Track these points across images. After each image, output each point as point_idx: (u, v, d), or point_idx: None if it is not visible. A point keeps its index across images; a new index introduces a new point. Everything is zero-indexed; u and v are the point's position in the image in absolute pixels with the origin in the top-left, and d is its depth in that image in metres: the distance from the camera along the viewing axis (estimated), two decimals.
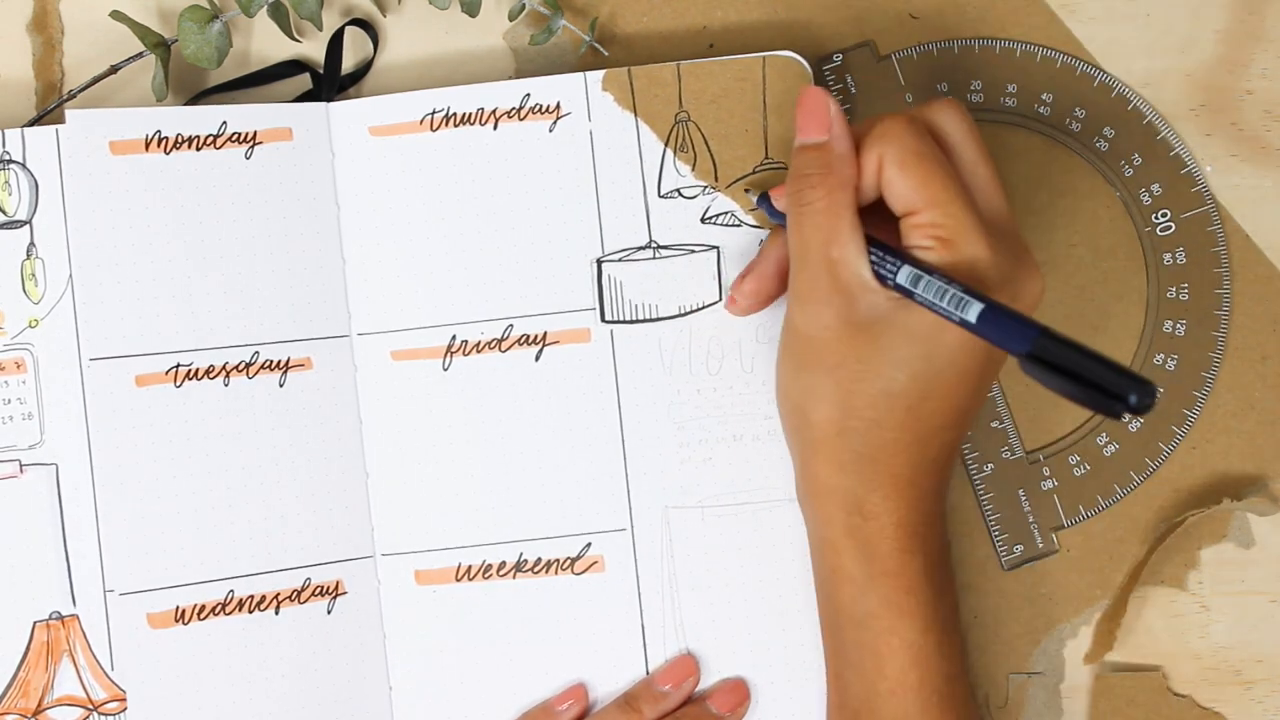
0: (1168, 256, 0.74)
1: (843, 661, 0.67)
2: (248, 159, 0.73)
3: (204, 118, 0.72)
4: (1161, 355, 0.74)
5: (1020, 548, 0.74)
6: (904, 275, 0.62)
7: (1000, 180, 0.66)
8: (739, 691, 0.72)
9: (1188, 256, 0.74)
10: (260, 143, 0.73)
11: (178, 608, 0.71)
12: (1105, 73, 0.74)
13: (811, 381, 0.64)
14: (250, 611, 0.72)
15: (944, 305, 0.61)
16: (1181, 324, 0.74)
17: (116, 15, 0.73)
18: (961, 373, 0.63)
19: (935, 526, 0.66)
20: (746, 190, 0.73)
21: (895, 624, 0.65)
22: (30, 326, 0.72)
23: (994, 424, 0.74)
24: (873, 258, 0.64)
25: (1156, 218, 0.74)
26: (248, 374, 0.72)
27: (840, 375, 0.63)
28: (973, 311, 0.60)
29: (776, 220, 0.71)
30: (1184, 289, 0.74)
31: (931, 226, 0.63)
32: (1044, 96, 0.74)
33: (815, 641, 0.72)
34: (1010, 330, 0.59)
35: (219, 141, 0.72)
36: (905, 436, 0.64)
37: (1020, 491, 0.74)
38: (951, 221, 0.62)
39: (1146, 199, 0.74)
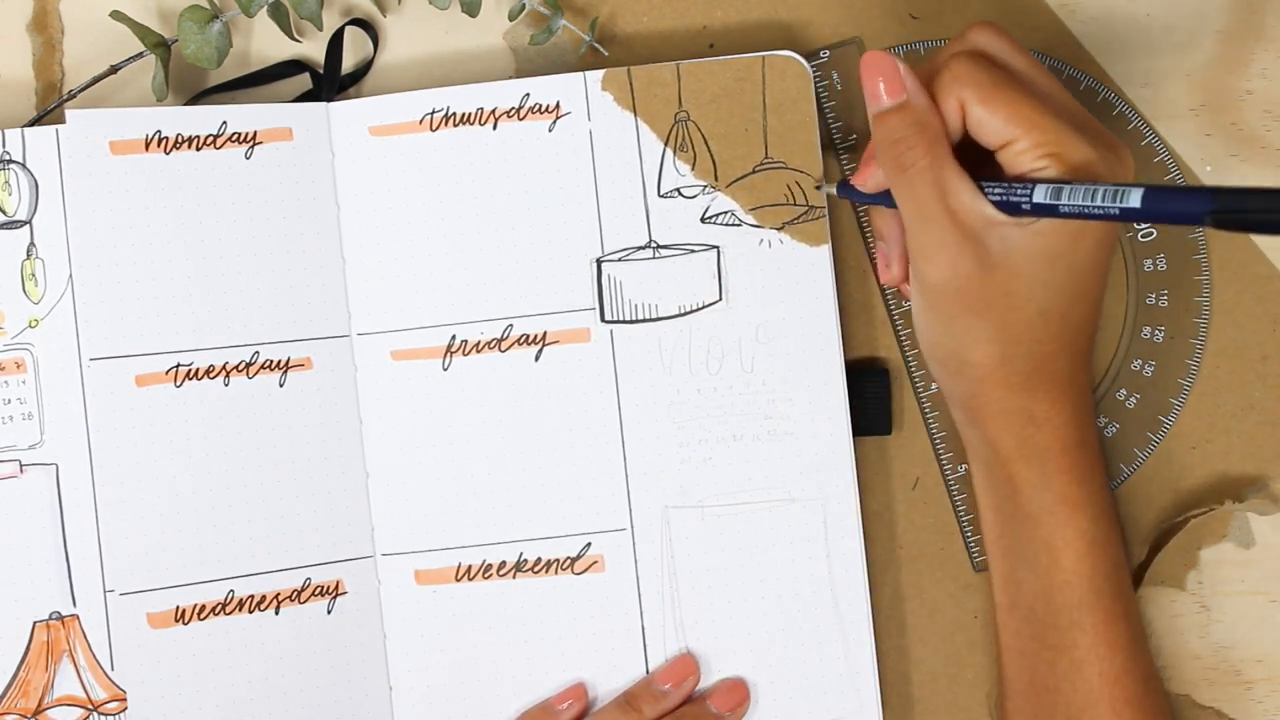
0: (1148, 263, 0.74)
1: (1016, 561, 0.68)
2: (248, 159, 0.73)
3: (204, 118, 0.72)
4: (1139, 361, 0.74)
5: None
6: (1040, 193, 0.62)
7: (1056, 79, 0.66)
8: (738, 691, 0.72)
9: (1169, 263, 0.74)
10: (260, 143, 0.73)
11: (178, 608, 0.71)
12: (1092, 77, 0.74)
13: (963, 328, 0.65)
14: (250, 611, 0.72)
15: (1100, 204, 0.61)
16: (1160, 330, 0.74)
17: (116, 15, 0.73)
18: (1098, 270, 0.65)
19: (1093, 418, 0.68)
20: (818, 187, 0.72)
21: (1070, 516, 0.67)
22: (30, 326, 0.72)
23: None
24: (991, 195, 0.64)
25: (1139, 223, 0.74)
26: (248, 374, 0.72)
27: (992, 315, 0.64)
28: (1134, 197, 0.60)
29: (866, 202, 0.70)
30: (1164, 295, 0.74)
31: (1037, 147, 0.63)
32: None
33: (814, 640, 0.72)
34: (1184, 202, 0.59)
35: (219, 141, 0.72)
36: (1060, 344, 0.66)
37: None
38: (1052, 135, 0.63)
39: None
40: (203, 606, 0.71)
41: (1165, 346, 0.74)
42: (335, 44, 0.75)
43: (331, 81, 0.75)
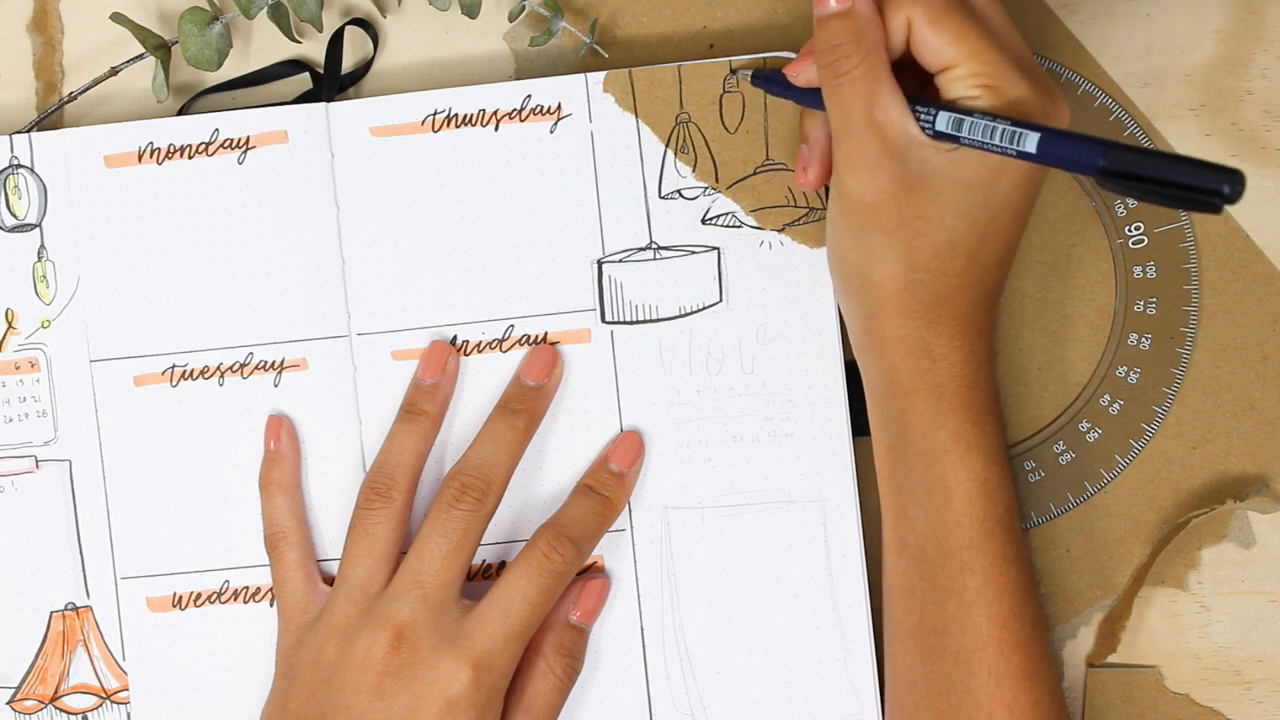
0: (1138, 270, 0.74)
1: (907, 499, 0.68)
2: (240, 164, 0.73)
3: (196, 126, 0.73)
4: (1124, 368, 0.74)
5: None
6: (943, 120, 0.63)
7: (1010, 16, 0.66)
8: (634, 445, 0.73)
9: (1158, 271, 0.74)
10: (254, 147, 0.73)
11: (175, 593, 0.73)
12: (1089, 81, 0.74)
13: (872, 243, 0.65)
14: (245, 602, 0.73)
15: (996, 142, 0.61)
16: (1147, 338, 0.74)
17: (117, 17, 0.73)
18: (1016, 210, 0.65)
19: (992, 361, 0.68)
20: (733, 72, 0.72)
21: (964, 456, 0.66)
22: (43, 327, 0.73)
23: None
24: (918, 114, 0.64)
25: (1130, 230, 0.74)
26: (242, 374, 0.73)
27: (901, 234, 0.64)
28: (1030, 141, 0.61)
29: (783, 95, 0.70)
30: (1152, 303, 0.74)
31: (974, 76, 0.63)
32: None
33: (814, 641, 0.72)
34: (1077, 151, 0.60)
35: (211, 149, 0.73)
36: (966, 279, 0.65)
37: None
38: (991, 68, 0.63)
39: (1121, 210, 0.74)
40: (199, 594, 0.73)
41: (1151, 354, 0.74)
42: (335, 44, 0.75)
43: (331, 82, 0.75)
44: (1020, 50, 0.65)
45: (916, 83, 0.65)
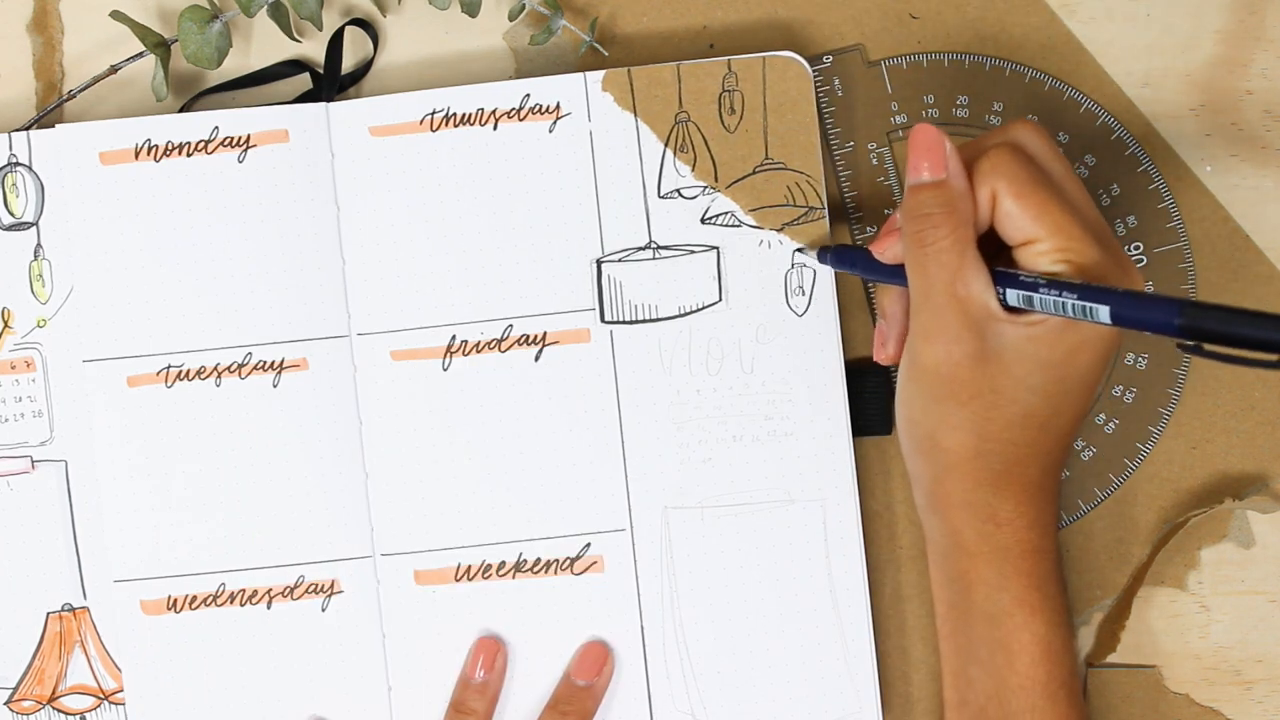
0: None
1: (968, 659, 0.67)
2: (240, 162, 0.73)
3: (195, 124, 0.73)
4: (1120, 387, 0.74)
5: None
6: (1013, 297, 0.63)
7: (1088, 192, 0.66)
8: (598, 656, 0.73)
9: (1155, 289, 0.74)
10: (254, 145, 0.73)
11: (169, 596, 0.73)
12: (1092, 100, 0.74)
13: (944, 413, 0.65)
14: (241, 605, 0.73)
15: (1069, 314, 0.62)
16: (1144, 358, 0.74)
17: (116, 15, 0.73)
18: (1090, 385, 0.65)
19: (1056, 525, 0.68)
20: (800, 250, 0.72)
21: (1028, 620, 0.66)
22: (39, 326, 0.73)
23: None
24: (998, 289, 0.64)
25: (1129, 249, 0.74)
26: (240, 375, 0.73)
27: (975, 406, 0.64)
28: (1103, 313, 0.61)
29: (862, 274, 0.70)
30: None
31: (1057, 252, 0.63)
32: (1029, 117, 0.74)
33: (814, 641, 0.72)
34: (1152, 313, 0.59)
35: (210, 146, 0.73)
36: (1036, 450, 0.65)
37: None
38: (1075, 244, 0.63)
39: (1121, 230, 0.74)
40: (194, 597, 0.73)
41: (1147, 374, 0.74)
42: (335, 44, 0.75)
43: (331, 81, 0.75)
44: (1098, 224, 0.65)
45: (988, 254, 0.65)
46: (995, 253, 0.65)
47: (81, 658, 0.73)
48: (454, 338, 0.73)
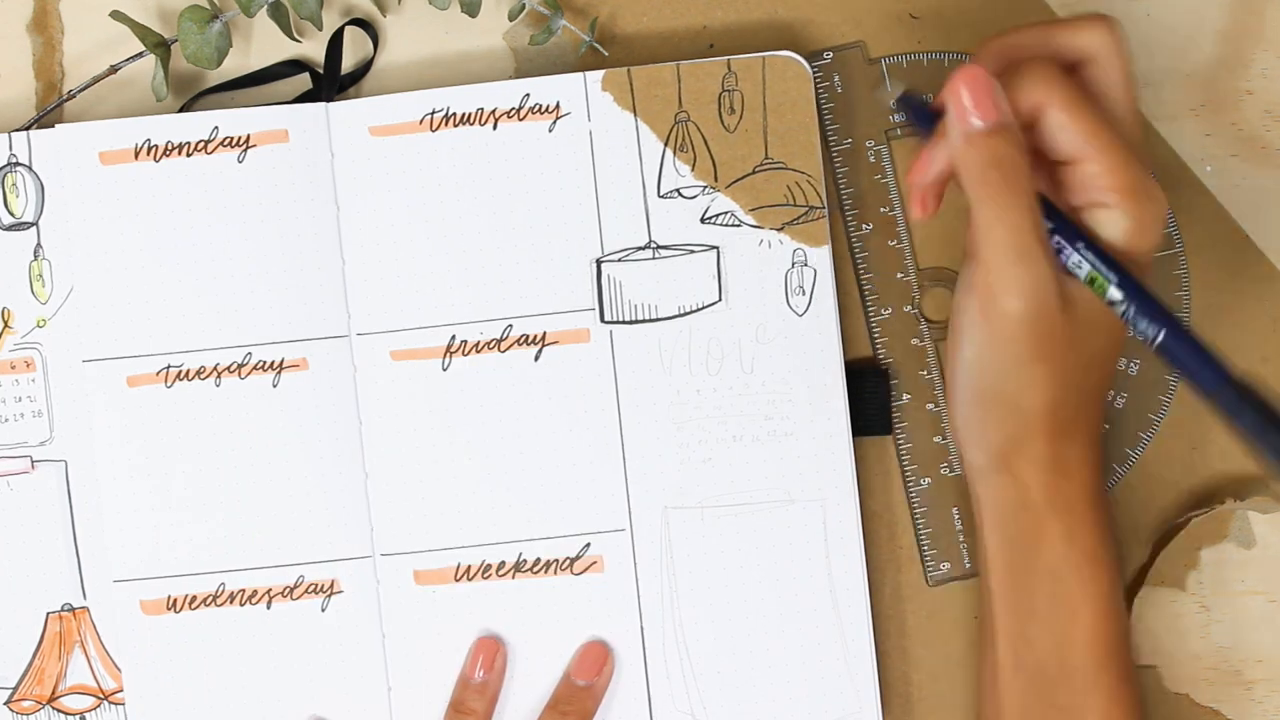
0: None
1: (1028, 619, 0.67)
2: (240, 163, 0.73)
3: (195, 124, 0.73)
4: (1111, 393, 0.74)
5: (947, 565, 0.74)
6: (1084, 270, 0.63)
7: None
8: (598, 655, 0.73)
9: (1155, 299, 0.74)
10: (254, 145, 0.73)
11: (169, 596, 0.73)
12: None
13: (1031, 374, 0.64)
14: (241, 605, 0.73)
15: (1130, 322, 0.62)
16: (1135, 363, 0.74)
17: (116, 15, 0.73)
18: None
19: (1104, 473, 0.68)
20: (877, 89, 0.70)
21: (1095, 573, 0.66)
22: (38, 326, 0.73)
23: (936, 439, 0.74)
24: (1056, 245, 0.64)
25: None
26: (239, 375, 0.73)
27: (1058, 358, 0.64)
28: (1160, 335, 0.62)
29: (926, 127, 0.67)
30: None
31: (1109, 174, 0.62)
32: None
33: (814, 641, 0.72)
34: (1198, 365, 0.60)
35: (210, 146, 0.73)
36: (1099, 391, 0.66)
37: (954, 510, 0.74)
38: (1125, 169, 0.62)
39: None
40: (193, 597, 0.73)
41: (1139, 379, 0.74)
42: (335, 44, 0.75)
43: (331, 81, 0.75)
44: (1137, 142, 0.65)
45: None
46: None
47: (81, 658, 0.73)
48: (454, 338, 0.73)
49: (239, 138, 0.73)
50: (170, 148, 0.73)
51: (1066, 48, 0.65)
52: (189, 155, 0.73)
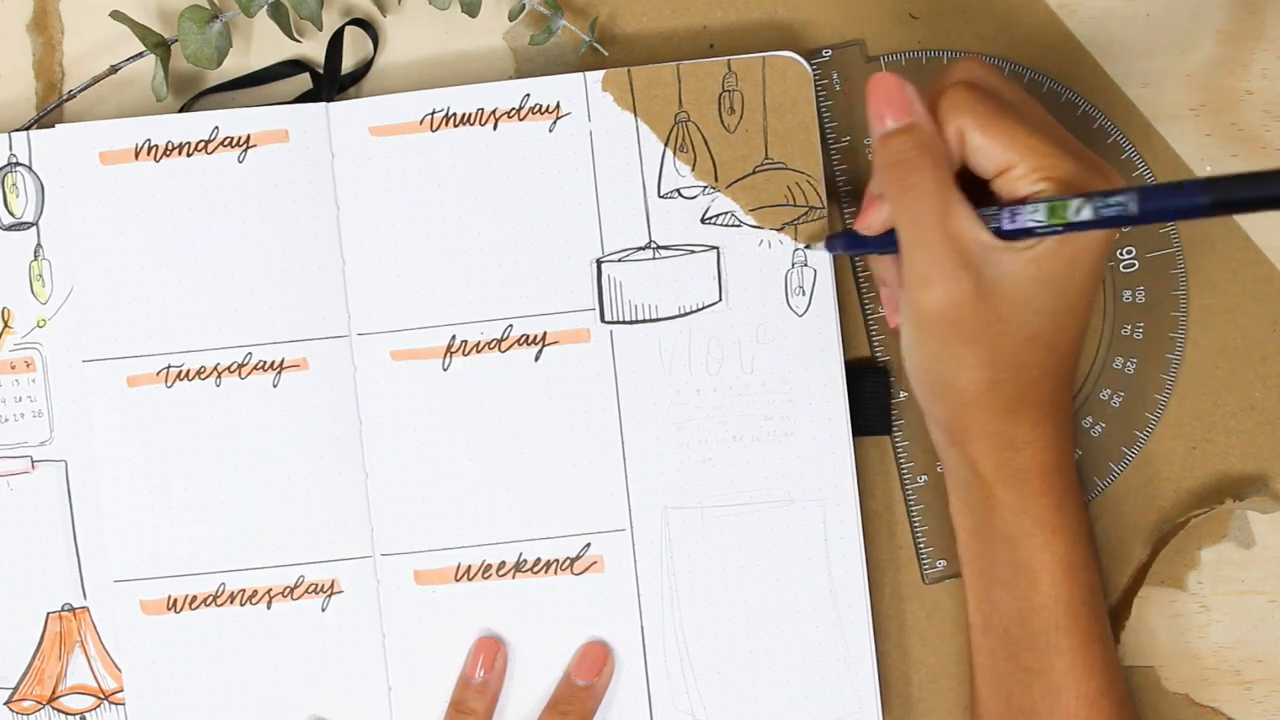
0: (1127, 294, 0.74)
1: (991, 582, 0.68)
2: (240, 162, 0.73)
3: (195, 124, 0.73)
4: (1108, 391, 0.74)
5: (943, 563, 0.74)
6: (1041, 213, 0.63)
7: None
8: (598, 655, 0.73)
9: (1147, 296, 0.74)
10: (254, 145, 0.73)
11: (169, 596, 0.73)
12: (1089, 103, 0.74)
13: (954, 355, 0.65)
14: (241, 605, 0.73)
15: (1106, 216, 0.61)
16: (1132, 362, 0.74)
17: (116, 15, 0.73)
18: (1089, 295, 0.66)
19: (1072, 442, 0.68)
20: (808, 247, 0.72)
21: (1049, 539, 0.67)
22: (39, 326, 0.73)
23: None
24: (990, 223, 0.64)
25: (1121, 254, 0.74)
26: (240, 375, 0.73)
27: (983, 341, 0.64)
28: (1134, 203, 0.60)
29: (865, 252, 0.70)
30: (1139, 328, 0.74)
31: (1034, 171, 0.63)
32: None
33: (814, 640, 0.72)
34: (1175, 200, 0.59)
35: (210, 146, 0.73)
36: (1045, 369, 0.66)
37: None
38: (1049, 160, 0.63)
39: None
40: (193, 597, 0.73)
41: (1135, 379, 0.74)
42: (335, 44, 0.75)
43: (331, 81, 0.75)
44: (1064, 138, 0.66)
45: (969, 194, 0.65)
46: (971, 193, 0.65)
47: (81, 658, 0.73)
48: (454, 338, 0.73)
49: (239, 138, 0.73)
50: (170, 148, 0.73)
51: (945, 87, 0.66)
52: (189, 155, 0.73)
